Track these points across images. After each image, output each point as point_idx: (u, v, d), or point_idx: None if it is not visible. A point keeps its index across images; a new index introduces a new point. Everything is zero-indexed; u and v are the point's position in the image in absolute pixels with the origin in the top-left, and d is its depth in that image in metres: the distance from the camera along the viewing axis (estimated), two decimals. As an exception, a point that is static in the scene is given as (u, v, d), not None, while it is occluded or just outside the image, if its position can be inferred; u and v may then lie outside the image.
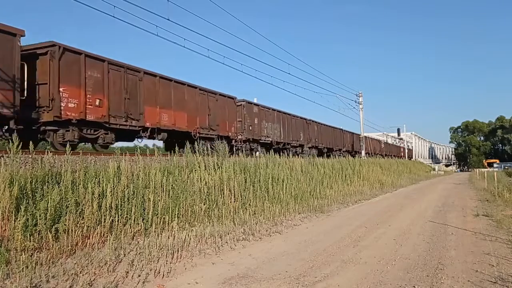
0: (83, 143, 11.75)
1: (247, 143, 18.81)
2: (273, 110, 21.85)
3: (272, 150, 18.27)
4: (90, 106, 10.59)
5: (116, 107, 11.52)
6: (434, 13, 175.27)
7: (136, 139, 13.24)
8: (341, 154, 30.79)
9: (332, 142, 30.98)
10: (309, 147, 25.74)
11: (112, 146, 12.23)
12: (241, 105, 18.64)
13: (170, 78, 13.83)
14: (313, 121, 27.38)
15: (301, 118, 25.61)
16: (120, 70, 11.72)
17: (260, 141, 20.03)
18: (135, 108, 12.21)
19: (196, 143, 14.73)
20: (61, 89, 9.79)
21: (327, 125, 30.41)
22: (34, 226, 5.08)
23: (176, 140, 14.06)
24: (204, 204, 7.74)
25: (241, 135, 18.26)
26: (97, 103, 10.78)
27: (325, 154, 27.69)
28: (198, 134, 14.82)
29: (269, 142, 20.84)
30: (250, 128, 19.11)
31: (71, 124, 10.14)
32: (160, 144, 17.57)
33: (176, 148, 11.58)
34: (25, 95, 9.05)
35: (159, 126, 13.09)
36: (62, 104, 9.80)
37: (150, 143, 16.24)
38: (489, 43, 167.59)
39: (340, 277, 4.66)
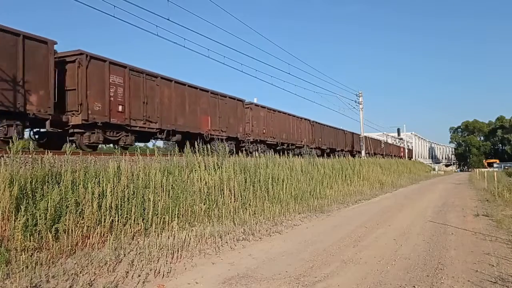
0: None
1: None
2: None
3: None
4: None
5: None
6: (434, 13, 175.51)
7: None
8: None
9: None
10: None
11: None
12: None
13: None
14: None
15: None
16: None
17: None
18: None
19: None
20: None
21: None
22: (34, 226, 5.07)
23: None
24: (204, 204, 7.73)
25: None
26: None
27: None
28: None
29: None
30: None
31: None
32: (161, 144, 17.63)
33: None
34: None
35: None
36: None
37: (154, 143, 16.52)
38: (489, 43, 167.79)
39: (340, 277, 4.66)
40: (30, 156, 6.60)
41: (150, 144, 15.43)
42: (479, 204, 12.09)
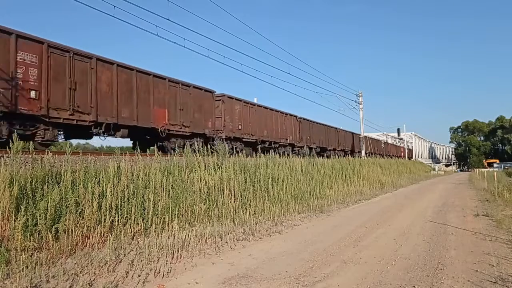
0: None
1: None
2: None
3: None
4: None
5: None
6: (434, 13, 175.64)
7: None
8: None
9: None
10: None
11: (113, 146, 11.88)
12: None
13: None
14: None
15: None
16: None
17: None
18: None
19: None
20: None
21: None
22: (34, 226, 5.08)
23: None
24: (204, 204, 7.74)
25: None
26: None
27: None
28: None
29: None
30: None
31: None
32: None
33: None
34: None
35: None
36: None
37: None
38: (489, 43, 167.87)
39: (340, 277, 4.66)
40: (30, 156, 6.59)
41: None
42: (479, 204, 12.10)
